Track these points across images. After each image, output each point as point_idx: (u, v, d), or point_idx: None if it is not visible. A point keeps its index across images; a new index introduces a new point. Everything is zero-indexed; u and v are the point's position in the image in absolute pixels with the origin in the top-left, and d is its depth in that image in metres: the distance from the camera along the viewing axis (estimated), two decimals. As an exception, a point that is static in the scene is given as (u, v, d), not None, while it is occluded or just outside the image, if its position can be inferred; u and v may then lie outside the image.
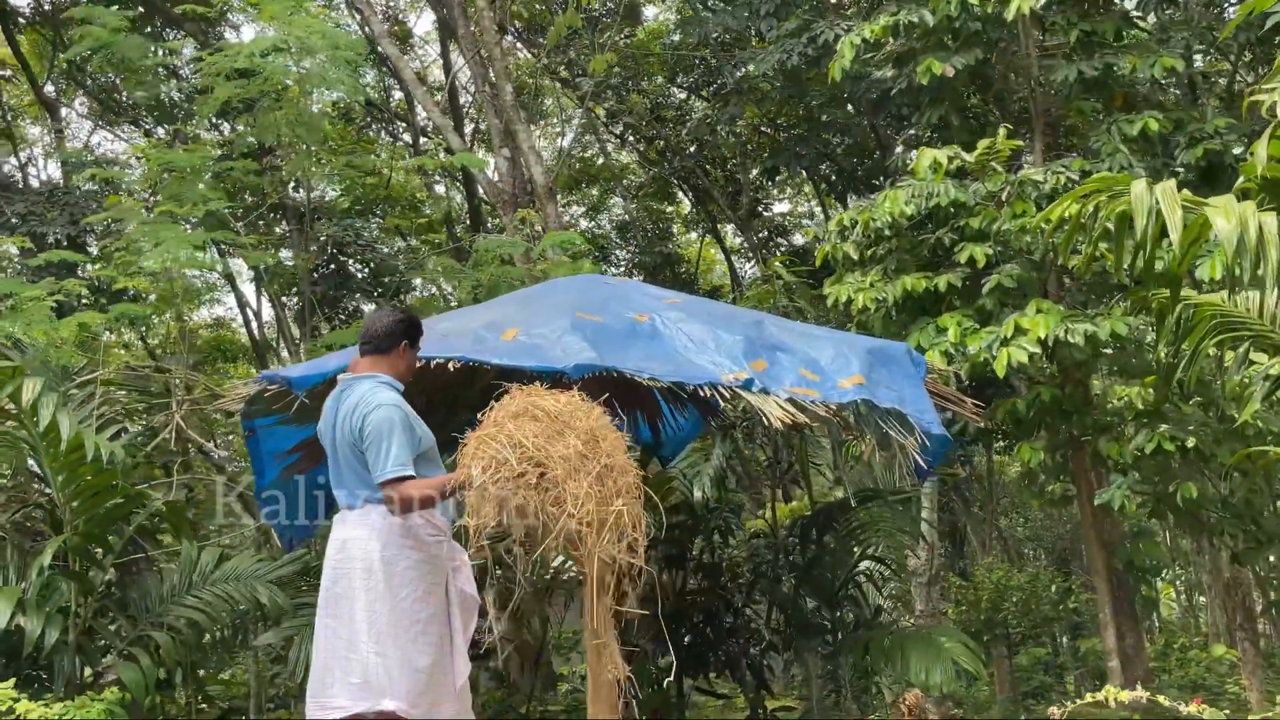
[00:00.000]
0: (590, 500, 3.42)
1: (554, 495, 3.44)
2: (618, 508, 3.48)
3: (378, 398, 3.82)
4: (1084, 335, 5.87)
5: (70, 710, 5.54)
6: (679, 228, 22.64)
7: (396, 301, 15.26)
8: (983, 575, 15.23)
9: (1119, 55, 7.01)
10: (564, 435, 3.50)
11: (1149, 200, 4.67)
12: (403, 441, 3.70)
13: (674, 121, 17.80)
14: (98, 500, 6.15)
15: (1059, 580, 15.33)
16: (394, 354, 4.00)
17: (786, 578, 7.76)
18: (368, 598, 3.69)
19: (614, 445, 3.59)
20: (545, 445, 3.47)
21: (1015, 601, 14.34)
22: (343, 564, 3.79)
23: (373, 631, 3.66)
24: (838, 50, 7.43)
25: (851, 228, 6.94)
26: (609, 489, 3.49)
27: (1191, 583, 22.08)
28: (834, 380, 5.08)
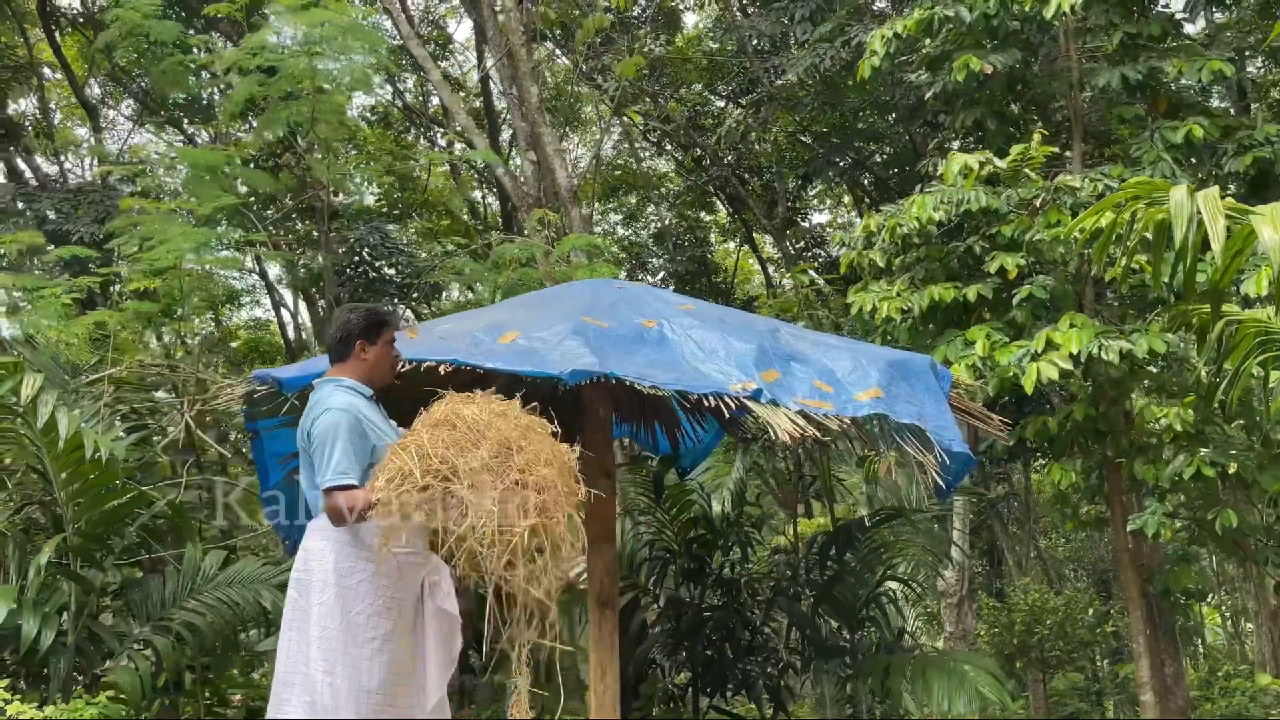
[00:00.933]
0: (491, 520, 3.09)
1: (459, 513, 3.14)
2: (521, 529, 3.12)
3: (329, 401, 3.64)
4: (1119, 352, 5.56)
5: (64, 713, 5.44)
6: (716, 236, 22.42)
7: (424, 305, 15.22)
8: (1017, 596, 14.81)
9: (1164, 59, 6.68)
10: (476, 445, 3.20)
11: (1189, 208, 4.38)
12: (345, 448, 3.48)
13: (711, 129, 17.62)
14: (99, 500, 6.06)
15: (1096, 603, 14.85)
16: (354, 357, 3.81)
17: (805, 596, 7.50)
18: (319, 612, 3.50)
19: (534, 459, 3.23)
20: (455, 456, 3.17)
21: (1050, 624, 13.92)
22: (301, 576, 3.62)
23: (322, 649, 3.48)
24: (868, 46, 7.15)
25: (878, 234, 6.68)
26: (512, 509, 3.14)
27: (1238, 609, 21.40)
28: (850, 393, 4.84)
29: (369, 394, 3.77)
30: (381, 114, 20.33)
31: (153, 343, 10.51)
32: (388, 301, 11.36)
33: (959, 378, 5.80)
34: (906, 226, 6.34)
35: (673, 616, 8.21)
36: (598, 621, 5.83)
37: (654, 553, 8.27)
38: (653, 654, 8.24)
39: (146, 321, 7.85)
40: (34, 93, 15.47)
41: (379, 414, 3.74)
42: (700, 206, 20.58)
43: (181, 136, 17.43)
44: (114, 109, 19.13)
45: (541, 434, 3.37)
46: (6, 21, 13.84)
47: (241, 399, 5.42)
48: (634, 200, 21.38)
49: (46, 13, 13.22)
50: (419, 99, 20.31)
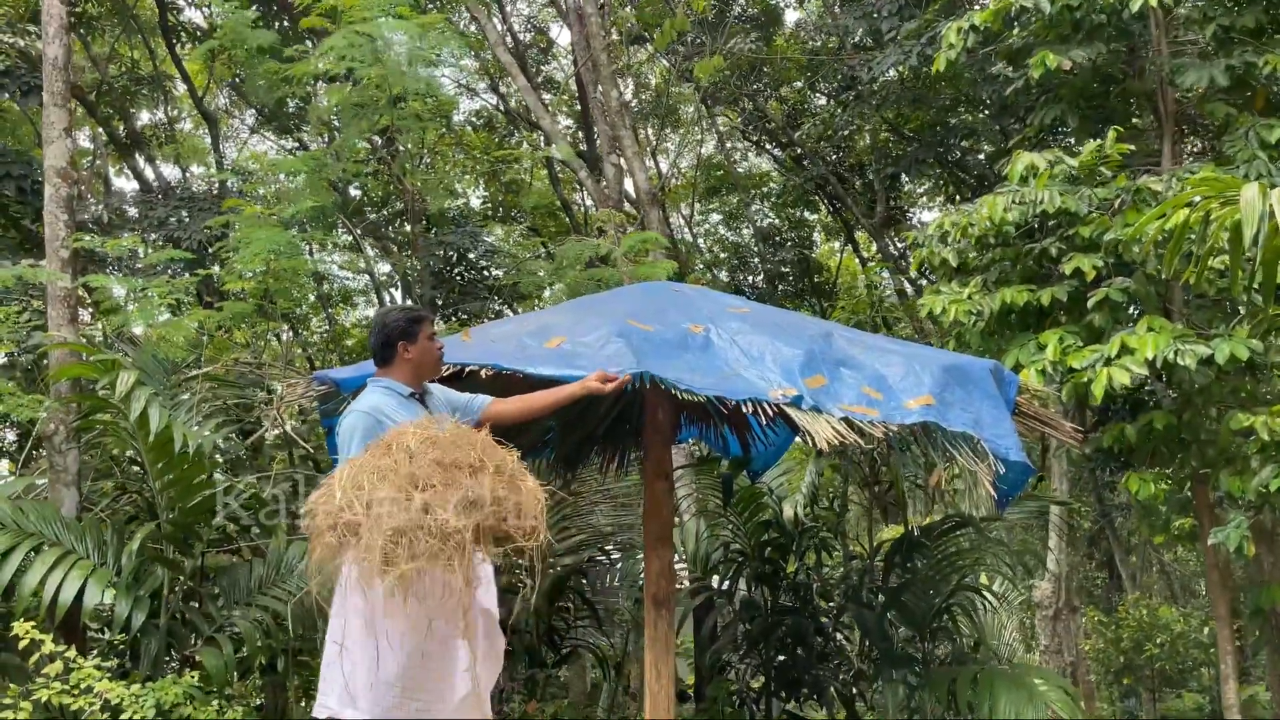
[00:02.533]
0: (374, 555, 3.00)
1: (356, 543, 3.08)
2: (397, 571, 2.99)
3: (357, 404, 3.79)
4: (1196, 357, 5.29)
5: (150, 690, 5.77)
6: (820, 236, 22.15)
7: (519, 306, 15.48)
8: (1126, 611, 14.19)
9: (1260, 54, 6.31)
10: (392, 476, 3.09)
11: (1261, 206, 4.16)
12: (357, 450, 3.57)
13: (807, 127, 17.43)
14: (190, 490, 6.41)
15: (1212, 621, 14.07)
16: (398, 359, 3.94)
17: (875, 603, 7.38)
18: (347, 604, 3.64)
19: (445, 500, 3.03)
20: (372, 484, 3.09)
21: (1161, 642, 13.31)
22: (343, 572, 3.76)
23: (348, 639, 3.61)
24: (943, 38, 6.96)
25: (951, 233, 6.51)
26: (402, 550, 3.00)
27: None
28: (899, 400, 4.74)
29: (407, 393, 3.90)
30: (486, 118, 20.79)
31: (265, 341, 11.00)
32: (484, 304, 11.62)
33: (1028, 383, 5.62)
34: (978, 226, 6.16)
35: (746, 619, 8.19)
36: (653, 621, 5.87)
37: (728, 555, 8.26)
38: (726, 655, 8.24)
39: (243, 321, 8.22)
40: (161, 104, 16.40)
41: (414, 413, 3.84)
42: (802, 205, 20.37)
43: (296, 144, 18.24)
44: (237, 118, 20.11)
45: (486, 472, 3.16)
46: (134, 35, 14.71)
47: (313, 397, 5.66)
48: (735, 200, 21.30)
49: (168, 27, 13.98)
50: (521, 104, 20.71)
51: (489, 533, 3.06)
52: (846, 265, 22.52)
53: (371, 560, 2.97)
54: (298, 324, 16.58)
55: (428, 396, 4.02)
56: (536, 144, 20.58)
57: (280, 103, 15.23)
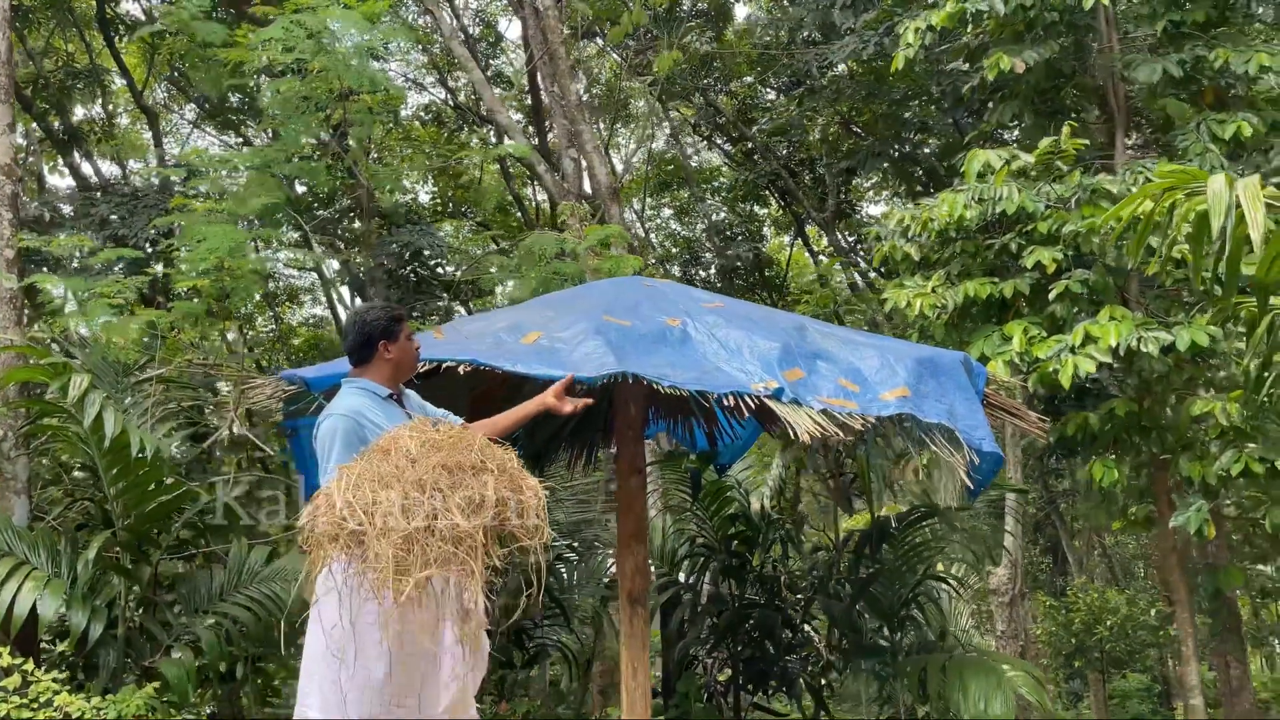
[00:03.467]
0: (387, 565, 2.95)
1: (360, 552, 3.03)
2: (412, 579, 2.96)
3: (335, 406, 3.67)
4: (1158, 345, 5.40)
5: (109, 703, 5.61)
6: (770, 230, 22.28)
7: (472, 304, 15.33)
8: (1076, 595, 14.49)
9: (1211, 47, 6.46)
10: (399, 482, 3.04)
11: (1228, 198, 4.25)
12: (340, 456, 3.49)
13: (759, 122, 17.51)
14: (146, 496, 6.24)
15: (1160, 604, 14.46)
16: (378, 359, 3.83)
17: (845, 594, 7.43)
18: (329, 609, 3.55)
19: (453, 504, 3.01)
20: (375, 491, 3.04)
21: (1111, 625, 13.61)
22: (321, 574, 3.68)
23: (335, 645, 3.52)
24: (901, 37, 7.04)
25: (911, 227, 6.57)
26: (413, 560, 2.96)
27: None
28: (876, 392, 4.77)
29: (385, 394, 3.79)
30: (435, 113, 20.55)
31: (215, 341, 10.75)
32: (438, 302, 11.49)
33: (995, 374, 5.68)
34: (938, 222, 6.23)
35: (714, 613, 8.20)
36: (629, 618, 5.84)
37: (694, 549, 8.26)
38: (694, 650, 8.24)
39: (194, 321, 8.02)
40: (98, 99, 15.93)
41: (392, 415, 3.75)
42: (752, 200, 20.46)
43: (239, 138, 17.86)
44: (176, 113, 19.64)
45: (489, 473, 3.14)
46: (70, 29, 14.27)
47: (280, 397, 5.53)
48: (686, 195, 21.33)
49: (106, 20, 13.58)
50: (471, 98, 20.51)
51: (494, 534, 3.00)
52: (796, 259, 22.71)
53: (384, 568, 2.89)
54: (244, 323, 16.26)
55: (404, 398, 3.93)
56: (487, 139, 20.44)
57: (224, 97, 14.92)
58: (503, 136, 18.10)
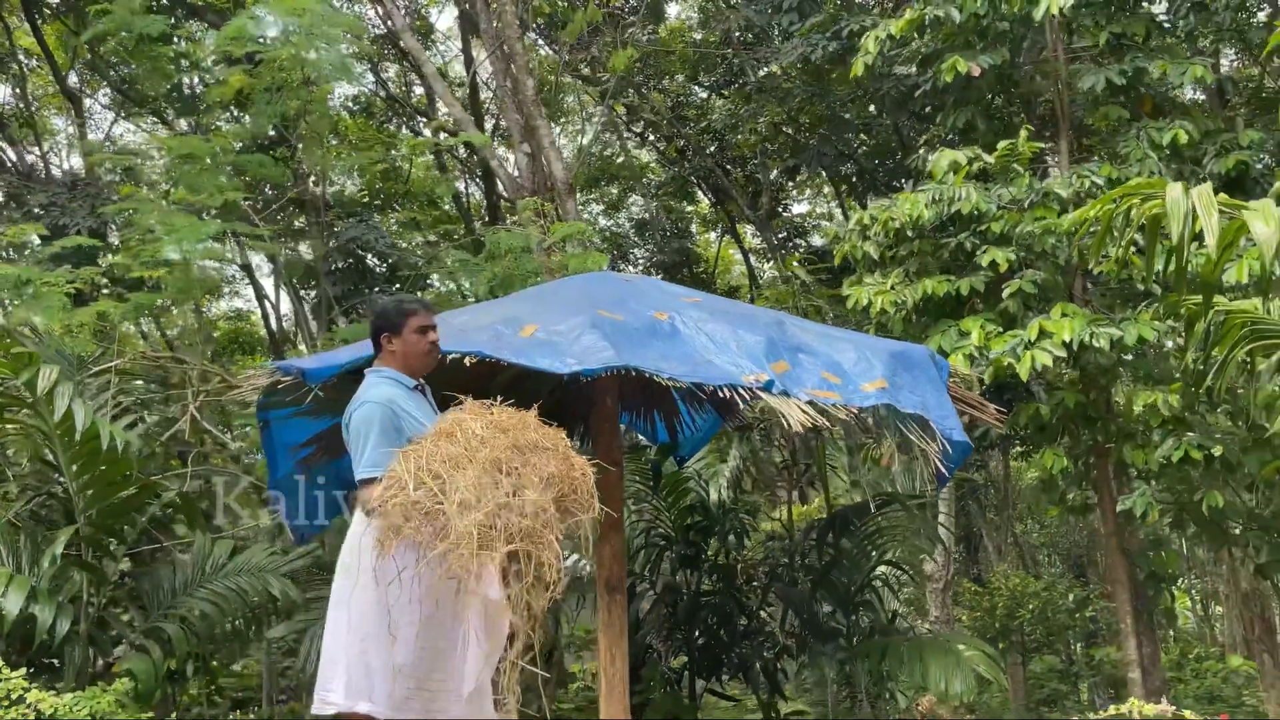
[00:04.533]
0: (471, 543, 3.05)
1: (441, 529, 3.11)
2: (499, 553, 3.07)
3: (367, 394, 3.73)
4: (1109, 339, 5.76)
5: (81, 700, 5.52)
6: (698, 227, 22.56)
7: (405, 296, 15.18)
8: (998, 581, 15.11)
9: (1149, 59, 6.88)
10: (471, 463, 3.15)
11: (1185, 204, 4.57)
12: (377, 442, 3.55)
13: (695, 120, 17.74)
14: (111, 490, 6.14)
15: (1076, 588, 15.18)
16: (385, 351, 3.91)
17: (802, 581, 7.67)
18: (359, 595, 3.61)
19: (527, 482, 3.15)
20: (449, 471, 3.14)
21: (1031, 609, 14.22)
22: (346, 560, 3.74)
23: (360, 630, 3.59)
24: (861, 46, 7.31)
25: (871, 227, 6.84)
26: (496, 535, 3.07)
27: (1207, 592, 21.89)
28: (856, 384, 4.99)
29: (411, 385, 3.86)
30: (364, 104, 20.28)
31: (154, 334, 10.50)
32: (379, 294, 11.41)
33: (956, 367, 5.97)
34: (899, 220, 6.51)
35: (669, 603, 8.37)
36: (607, 606, 5.96)
37: (650, 540, 8.42)
38: (649, 639, 8.40)
39: (146, 313, 7.88)
40: (14, 82, 15.34)
41: (421, 405, 3.82)
42: (681, 197, 20.71)
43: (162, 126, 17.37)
44: (91, 98, 18.99)
45: (549, 452, 3.30)
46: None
47: (260, 389, 5.50)
48: (615, 191, 21.47)
49: (29, 2, 13.11)
50: (402, 89, 20.30)
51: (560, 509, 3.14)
52: (723, 256, 23.06)
53: (467, 545, 2.97)
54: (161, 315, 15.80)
55: (426, 390, 3.99)
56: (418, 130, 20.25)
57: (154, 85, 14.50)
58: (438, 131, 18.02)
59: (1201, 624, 22.48)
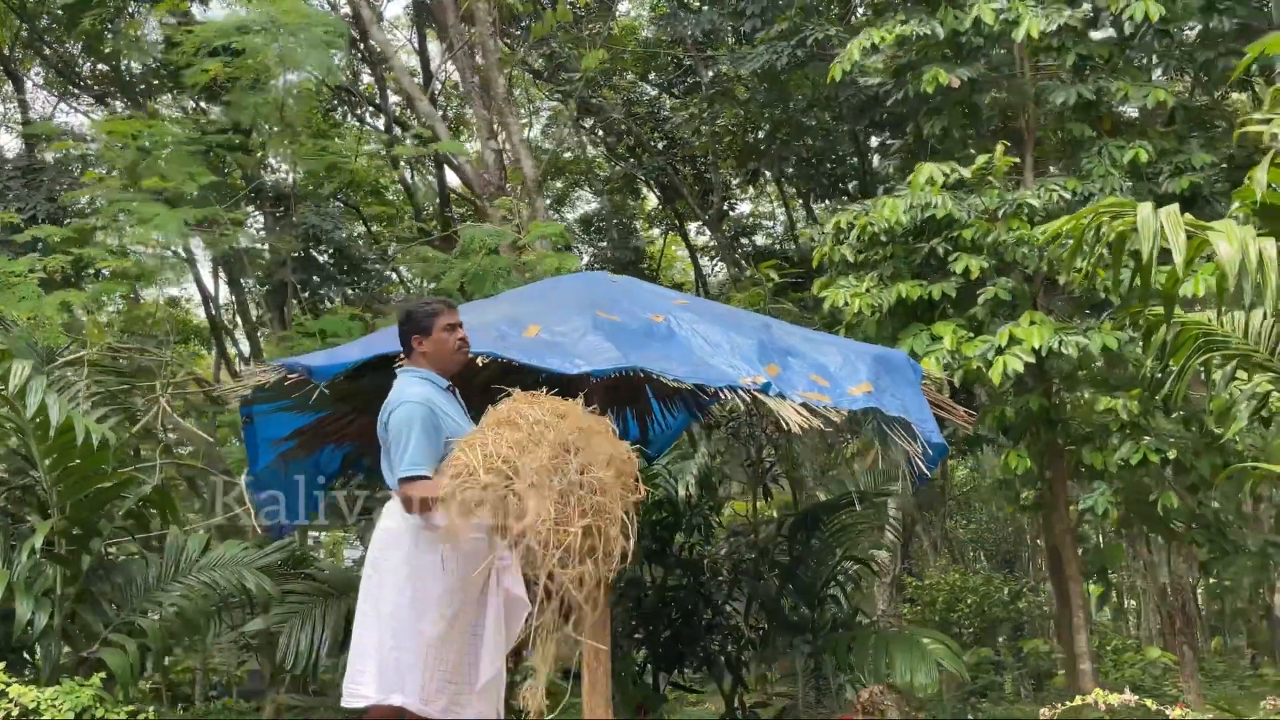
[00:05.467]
0: (549, 519, 3.21)
1: (517, 510, 3.26)
2: (576, 529, 3.24)
3: (405, 393, 3.80)
4: (1077, 347, 6.05)
5: (61, 695, 5.46)
6: (642, 224, 22.70)
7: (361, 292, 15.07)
8: (936, 576, 15.57)
9: (1111, 80, 7.23)
10: (538, 446, 3.31)
11: (1155, 223, 4.85)
12: (420, 441, 3.63)
13: (644, 118, 17.86)
14: (85, 484, 6.06)
15: (1011, 583, 15.74)
16: (415, 352, 3.98)
17: (769, 576, 7.87)
18: (392, 591, 3.69)
19: (592, 461, 3.34)
20: (516, 456, 3.28)
21: (970, 603, 14.71)
22: (375, 556, 3.80)
23: (393, 625, 3.66)
24: (845, 51, 7.51)
25: (848, 231, 7.06)
26: (571, 509, 3.25)
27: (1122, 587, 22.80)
28: (844, 387, 5.16)
29: (444, 385, 3.93)
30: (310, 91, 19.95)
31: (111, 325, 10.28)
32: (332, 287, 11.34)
33: (929, 371, 6.21)
34: (877, 225, 6.73)
35: (633, 598, 8.50)
36: (590, 603, 6.09)
37: (616, 535, 8.52)
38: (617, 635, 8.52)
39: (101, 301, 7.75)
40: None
41: (454, 406, 3.90)
42: (628, 194, 20.83)
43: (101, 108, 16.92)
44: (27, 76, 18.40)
45: (602, 435, 3.51)
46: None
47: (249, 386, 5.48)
48: (560, 185, 21.49)
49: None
50: (348, 75, 20.04)
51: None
52: (668, 254, 23.25)
53: (545, 524, 3.10)
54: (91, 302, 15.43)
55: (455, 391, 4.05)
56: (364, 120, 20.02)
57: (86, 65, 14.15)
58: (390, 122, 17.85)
59: (1118, 617, 23.38)
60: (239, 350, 18.40)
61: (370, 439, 6.39)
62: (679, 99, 17.71)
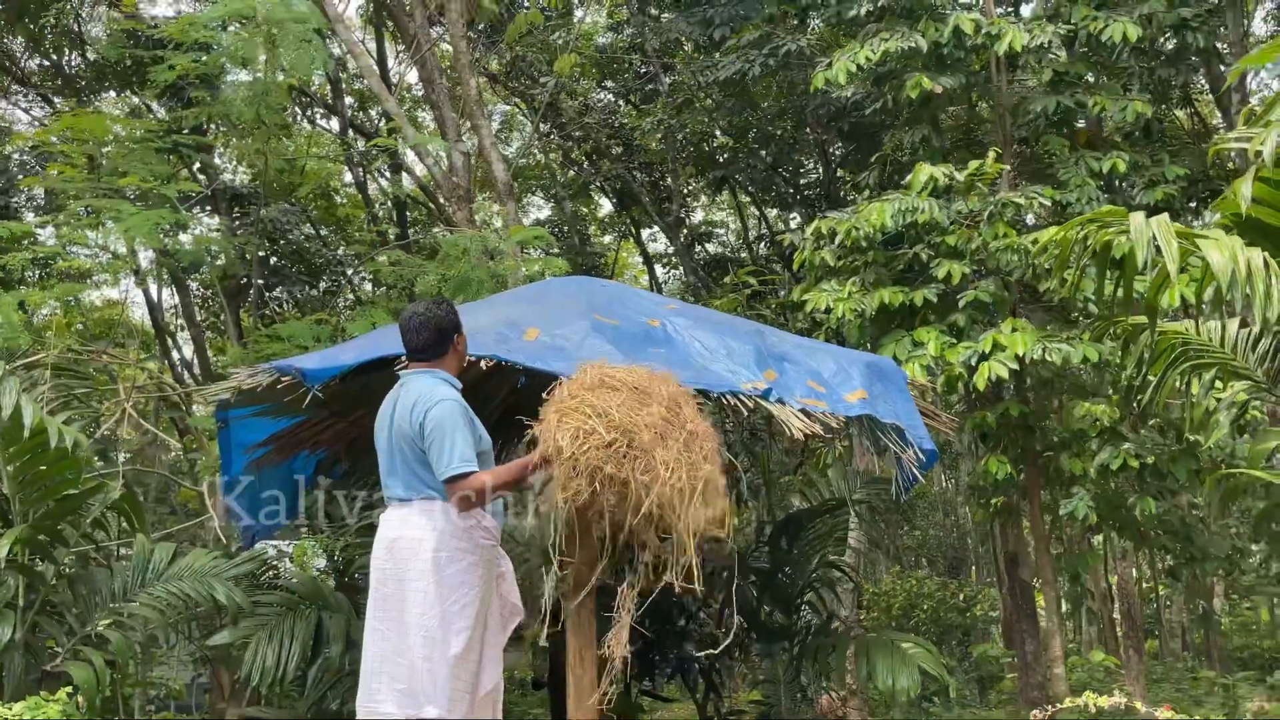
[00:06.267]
0: (681, 467, 3.40)
1: (644, 463, 3.39)
2: (706, 473, 3.49)
3: (437, 392, 3.73)
4: (1061, 355, 6.14)
5: (27, 710, 5.22)
6: (594, 229, 22.66)
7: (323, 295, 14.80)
8: (892, 583, 15.74)
9: (1088, 94, 7.37)
10: (647, 404, 3.51)
11: (1148, 232, 4.92)
12: (466, 437, 3.61)
13: (602, 125, 17.82)
14: (53, 490, 5.82)
15: (966, 589, 15.95)
16: (451, 351, 3.93)
17: (745, 583, 7.84)
18: (419, 601, 3.59)
19: (693, 412, 3.65)
20: (630, 414, 3.44)
21: (926, 609, 14.88)
22: (393, 565, 3.67)
23: (423, 637, 3.57)
24: (836, 66, 7.54)
25: (829, 237, 7.09)
26: (695, 455, 3.50)
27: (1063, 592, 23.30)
28: (839, 394, 5.16)
29: (460, 386, 3.86)
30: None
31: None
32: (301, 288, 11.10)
33: (913, 377, 6.25)
34: (863, 230, 6.76)
35: (602, 605, 8.40)
36: (577, 608, 6.00)
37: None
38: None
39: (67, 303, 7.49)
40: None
41: (468, 405, 3.84)
42: (581, 199, 20.76)
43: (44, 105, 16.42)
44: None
45: (688, 397, 3.80)
46: None
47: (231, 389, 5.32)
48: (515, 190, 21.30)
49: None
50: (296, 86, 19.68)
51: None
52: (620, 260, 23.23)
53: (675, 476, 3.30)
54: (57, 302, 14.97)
55: None
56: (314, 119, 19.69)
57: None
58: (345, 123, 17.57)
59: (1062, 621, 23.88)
60: (181, 355, 17.95)
61: (347, 443, 6.29)
62: (636, 106, 17.71)
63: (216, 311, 18.05)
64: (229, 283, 11.48)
